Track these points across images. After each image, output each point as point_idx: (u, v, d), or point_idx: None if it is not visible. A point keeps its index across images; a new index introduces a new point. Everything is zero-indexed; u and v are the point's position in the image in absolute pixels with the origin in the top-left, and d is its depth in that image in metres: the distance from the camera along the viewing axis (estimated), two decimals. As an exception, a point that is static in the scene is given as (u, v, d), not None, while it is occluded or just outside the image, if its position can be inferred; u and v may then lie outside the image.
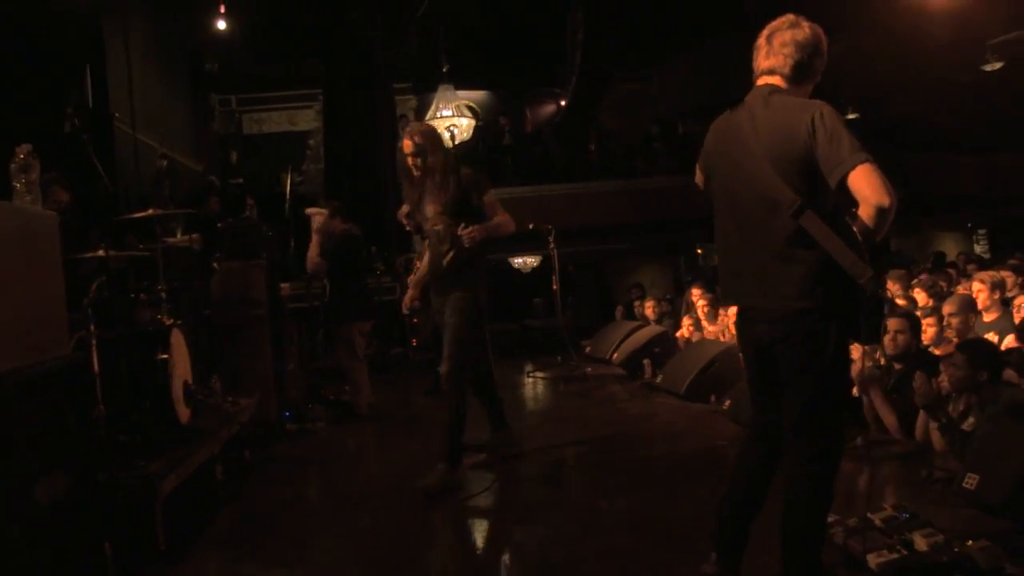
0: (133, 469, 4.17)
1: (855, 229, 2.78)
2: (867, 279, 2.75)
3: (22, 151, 3.35)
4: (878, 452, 5.11)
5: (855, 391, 5.48)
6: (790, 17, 3.03)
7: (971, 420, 4.65)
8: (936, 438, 4.87)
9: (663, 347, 9.18)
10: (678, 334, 9.45)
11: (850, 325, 2.86)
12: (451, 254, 5.23)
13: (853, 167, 2.71)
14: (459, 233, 5.10)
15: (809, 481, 2.94)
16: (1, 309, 2.87)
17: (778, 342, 2.95)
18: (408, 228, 7.99)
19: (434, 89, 15.29)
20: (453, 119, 14.61)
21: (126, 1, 10.12)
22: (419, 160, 5.11)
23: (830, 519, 3.34)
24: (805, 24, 3.00)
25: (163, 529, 4.09)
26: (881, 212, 2.71)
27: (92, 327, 4.64)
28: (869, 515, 3.66)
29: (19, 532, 2.73)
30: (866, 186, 2.71)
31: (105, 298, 5.00)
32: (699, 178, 3.30)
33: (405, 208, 5.59)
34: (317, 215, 7.61)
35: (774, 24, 3.05)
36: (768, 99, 2.96)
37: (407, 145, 5.13)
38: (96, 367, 4.57)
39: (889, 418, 5.35)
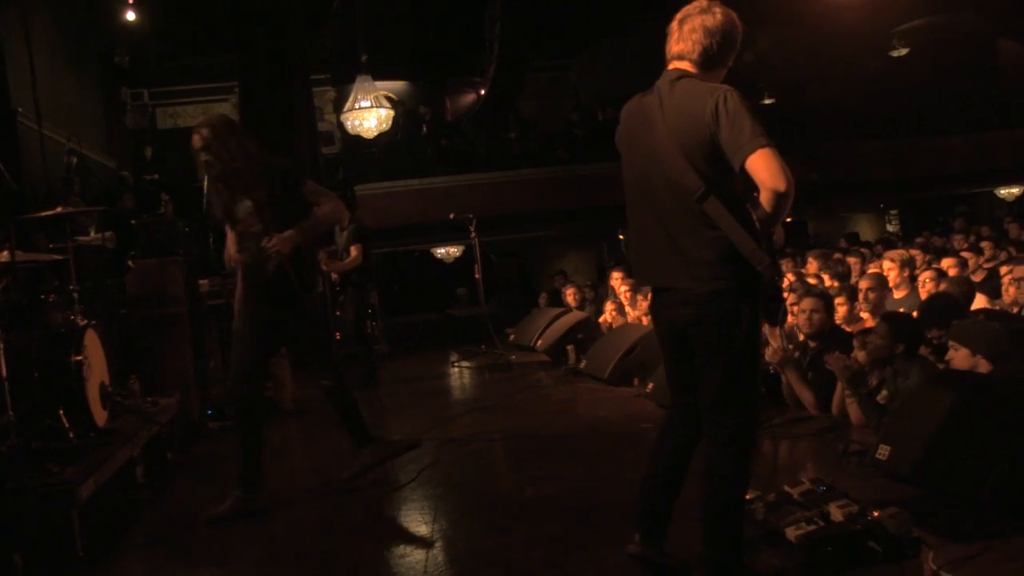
0: (47, 475, 4.07)
1: (755, 215, 2.84)
2: (765, 266, 2.81)
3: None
4: (796, 429, 5.25)
5: (771, 369, 5.63)
6: (702, 3, 3.04)
7: (884, 393, 4.81)
8: (853, 412, 5.00)
9: (586, 333, 9.27)
10: (601, 319, 9.56)
11: (760, 305, 2.92)
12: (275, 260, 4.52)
13: (752, 151, 2.75)
14: (263, 244, 4.44)
15: (727, 459, 2.99)
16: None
17: (691, 324, 2.99)
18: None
19: (353, 80, 15.13)
20: (372, 110, 14.49)
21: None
22: (211, 156, 4.41)
23: (750, 495, 3.42)
24: (717, 10, 3.02)
25: (81, 535, 4.00)
26: (778, 196, 2.76)
27: (-1, 331, 4.51)
28: (787, 489, 3.74)
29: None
30: (764, 170, 2.75)
31: (13, 300, 4.86)
32: (619, 148, 3.31)
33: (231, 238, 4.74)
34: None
35: (686, 9, 3.06)
36: (675, 84, 2.99)
37: (195, 141, 4.43)
38: (4, 372, 4.43)
39: (806, 395, 5.50)
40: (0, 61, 9.24)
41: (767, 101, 16.66)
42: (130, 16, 12.61)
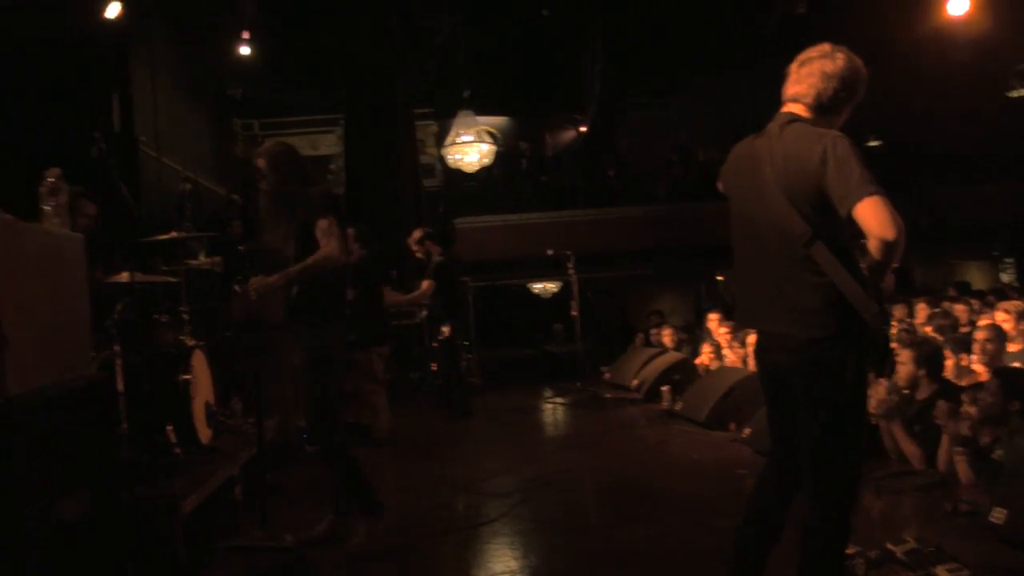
0: (155, 488, 4.20)
1: (863, 263, 2.78)
2: (873, 314, 2.74)
3: (51, 175, 3.40)
4: (899, 483, 5.05)
5: (873, 421, 5.45)
6: (826, 47, 3.00)
7: (999, 452, 4.59)
8: (962, 469, 4.79)
9: (683, 374, 9.16)
10: (697, 361, 9.43)
11: (867, 354, 2.85)
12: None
13: (860, 199, 2.69)
14: (247, 285, 4.55)
15: (826, 512, 2.90)
16: (30, 329, 2.91)
17: (793, 370, 2.93)
18: (419, 255, 7.96)
19: (454, 115, 15.38)
20: (474, 144, 14.70)
21: (153, 29, 10.26)
22: (263, 183, 4.67)
23: (850, 550, 3.32)
24: (840, 55, 2.97)
25: (183, 547, 4.11)
26: (886, 245, 2.70)
27: (116, 347, 4.69)
28: (890, 547, 3.62)
29: (44, 549, 2.75)
30: (872, 218, 2.68)
31: (129, 319, 5.04)
32: (721, 186, 3.28)
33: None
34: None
35: (808, 51, 3.03)
36: (785, 127, 2.96)
37: (256, 164, 4.72)
38: (120, 387, 4.60)
39: (911, 449, 5.29)
40: (128, 94, 9.68)
41: (873, 143, 16.30)
42: (244, 51, 13.07)
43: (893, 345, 4.08)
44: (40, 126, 7.46)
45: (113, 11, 8.39)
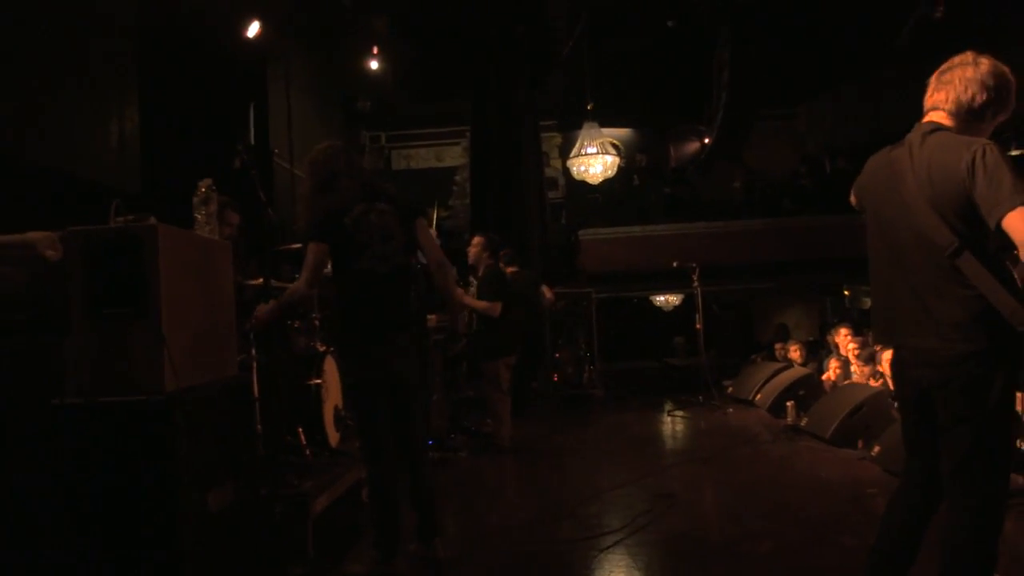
0: (288, 487, 4.38)
1: (1016, 273, 2.69)
2: None
3: (204, 185, 3.60)
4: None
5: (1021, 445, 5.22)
6: (968, 55, 2.93)
7: None
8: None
9: (808, 389, 8.97)
10: (824, 377, 9.22)
11: (1017, 371, 2.75)
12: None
13: (1011, 209, 2.60)
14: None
15: (969, 535, 2.81)
16: (185, 331, 3.09)
17: (937, 387, 2.84)
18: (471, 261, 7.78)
19: (579, 127, 15.44)
20: (598, 156, 14.72)
21: (289, 46, 10.68)
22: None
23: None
24: (984, 61, 2.90)
25: (312, 544, 4.27)
26: None
27: (253, 351, 4.90)
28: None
29: (194, 536, 2.92)
30: (1022, 229, 2.59)
31: (265, 324, 5.25)
32: (854, 200, 3.23)
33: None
34: (471, 248, 7.81)
35: (951, 60, 2.96)
36: (928, 136, 2.89)
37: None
38: (256, 389, 4.81)
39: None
40: (265, 108, 10.11)
41: (1015, 152, 15.62)
42: (374, 65, 13.44)
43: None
44: (189, 139, 7.89)
45: (253, 30, 8.78)
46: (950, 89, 2.92)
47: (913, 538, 3.04)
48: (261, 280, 5.19)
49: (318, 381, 5.55)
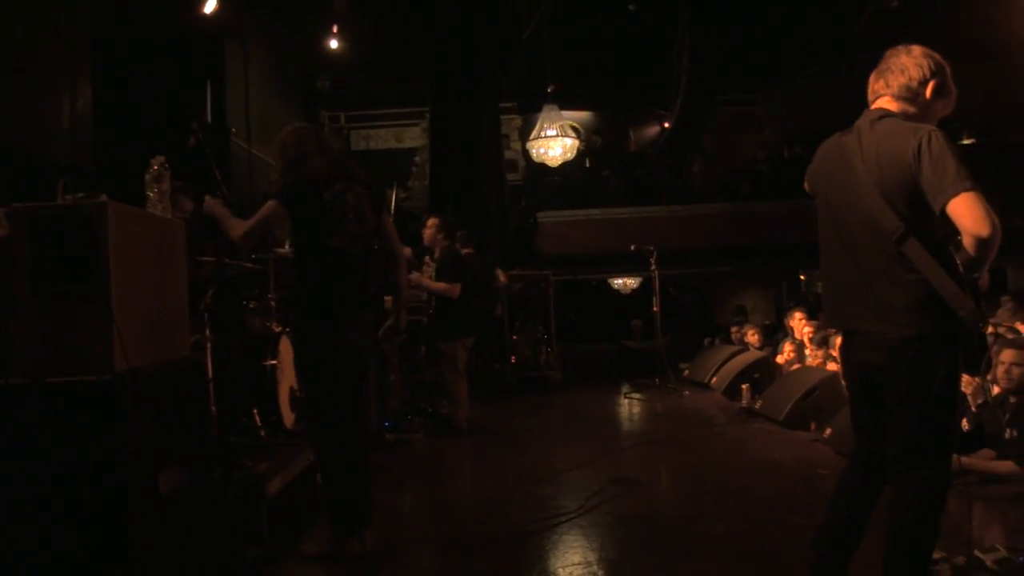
0: (242, 469, 4.34)
1: (958, 258, 2.74)
2: (968, 311, 2.70)
3: (156, 162, 3.54)
4: (991, 491, 4.92)
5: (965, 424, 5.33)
6: (900, 46, 3.02)
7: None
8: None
9: (763, 372, 9.07)
10: (779, 359, 9.33)
11: (959, 354, 2.80)
12: None
13: (955, 195, 2.65)
14: None
15: (913, 514, 2.87)
16: (136, 310, 3.05)
17: (883, 369, 2.89)
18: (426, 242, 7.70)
19: (539, 109, 15.43)
20: (557, 139, 14.72)
21: (247, 23, 10.53)
22: None
23: (935, 555, 3.26)
24: (915, 48, 3.00)
25: (267, 527, 4.25)
26: (981, 243, 2.65)
27: (207, 331, 4.85)
28: (979, 554, 3.54)
29: (145, 518, 2.89)
30: (966, 215, 2.64)
31: (219, 305, 5.21)
32: (807, 185, 3.27)
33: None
34: (427, 229, 7.76)
35: (885, 54, 3.05)
36: (876, 123, 2.94)
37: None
38: (210, 370, 4.76)
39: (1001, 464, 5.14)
40: (222, 87, 9.98)
41: (966, 141, 15.86)
42: (333, 44, 13.32)
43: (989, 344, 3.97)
44: (144, 116, 7.76)
45: (210, 6, 8.65)
46: (888, 76, 3.00)
47: (859, 518, 3.09)
48: (215, 259, 5.13)
49: (273, 362, 5.52)
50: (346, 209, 4.08)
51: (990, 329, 5.82)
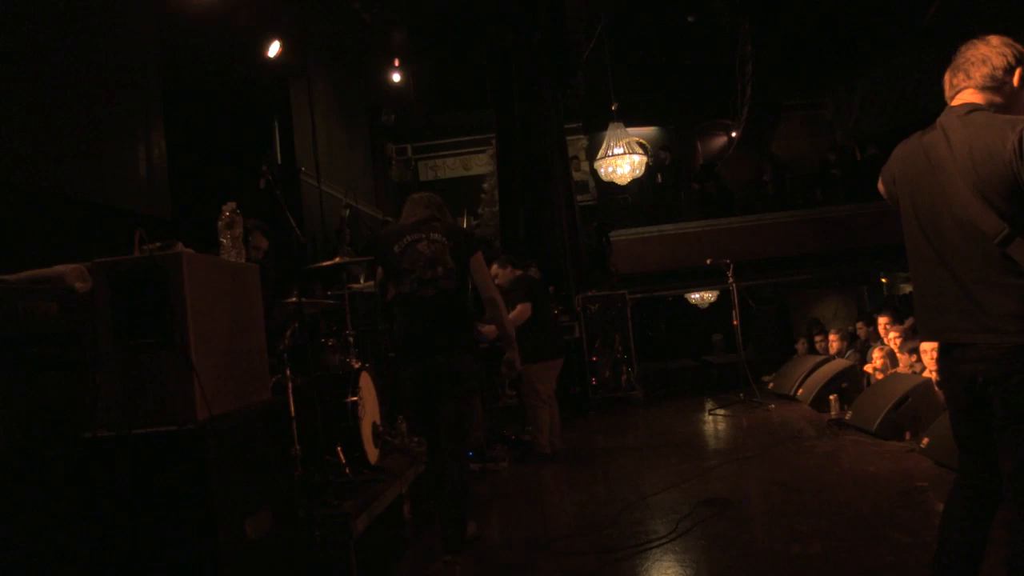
0: (328, 507, 4.34)
1: None
2: None
3: (228, 208, 3.57)
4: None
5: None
6: (973, 40, 2.90)
7: None
8: None
9: (851, 382, 8.85)
10: (867, 368, 9.07)
11: None
12: None
13: None
14: None
15: None
16: (214, 357, 3.06)
17: (995, 383, 2.71)
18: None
19: (605, 128, 15.38)
20: (625, 156, 14.64)
21: (310, 63, 10.72)
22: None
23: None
24: (991, 37, 2.87)
25: (356, 565, 4.23)
26: None
27: (288, 371, 4.88)
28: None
29: (234, 565, 2.88)
30: None
31: (298, 344, 5.24)
32: (883, 190, 3.14)
33: None
34: (497, 279, 7.63)
35: (959, 50, 2.93)
36: (965, 118, 2.79)
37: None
38: (292, 410, 4.78)
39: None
40: (289, 127, 10.16)
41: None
42: (396, 77, 13.48)
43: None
44: (216, 161, 7.93)
45: (274, 50, 8.82)
46: (969, 68, 2.87)
47: (976, 541, 2.89)
48: (294, 299, 5.18)
49: (354, 398, 5.52)
50: (416, 257, 4.50)
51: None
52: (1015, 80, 2.83)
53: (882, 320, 9.45)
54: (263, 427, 3.40)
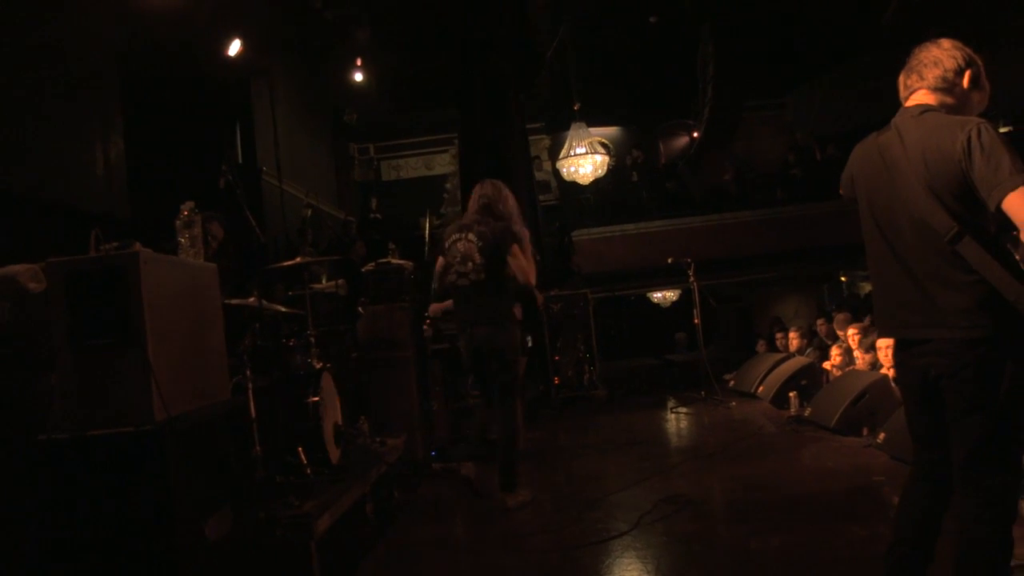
0: (289, 508, 4.31)
1: (1017, 256, 2.63)
2: None
3: (186, 208, 3.55)
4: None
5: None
6: (925, 43, 2.97)
7: None
8: None
9: (810, 379, 8.94)
10: (826, 364, 9.18)
11: None
12: None
13: (1012, 189, 2.55)
14: None
15: (984, 523, 2.74)
16: (172, 358, 3.04)
17: (947, 376, 2.77)
18: None
19: (567, 128, 15.42)
20: (587, 156, 14.68)
21: (272, 63, 10.66)
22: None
23: (1013, 563, 3.13)
24: (943, 40, 2.93)
25: (318, 566, 4.21)
26: None
27: (248, 372, 4.85)
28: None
29: (193, 566, 2.86)
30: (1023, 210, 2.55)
31: (259, 344, 5.21)
32: (843, 191, 3.20)
33: None
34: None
35: (913, 52, 2.98)
36: (919, 119, 2.86)
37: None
38: (253, 411, 4.75)
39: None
40: (251, 127, 10.09)
41: (1003, 129, 15.61)
42: (358, 77, 13.43)
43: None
44: (176, 161, 7.86)
45: (234, 48, 8.75)
46: (922, 69, 2.93)
47: (931, 531, 2.96)
48: (253, 299, 5.15)
49: (316, 399, 5.49)
50: (455, 254, 5.79)
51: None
52: (965, 82, 2.90)
53: (841, 318, 9.57)
54: (223, 428, 3.38)
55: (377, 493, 5.68)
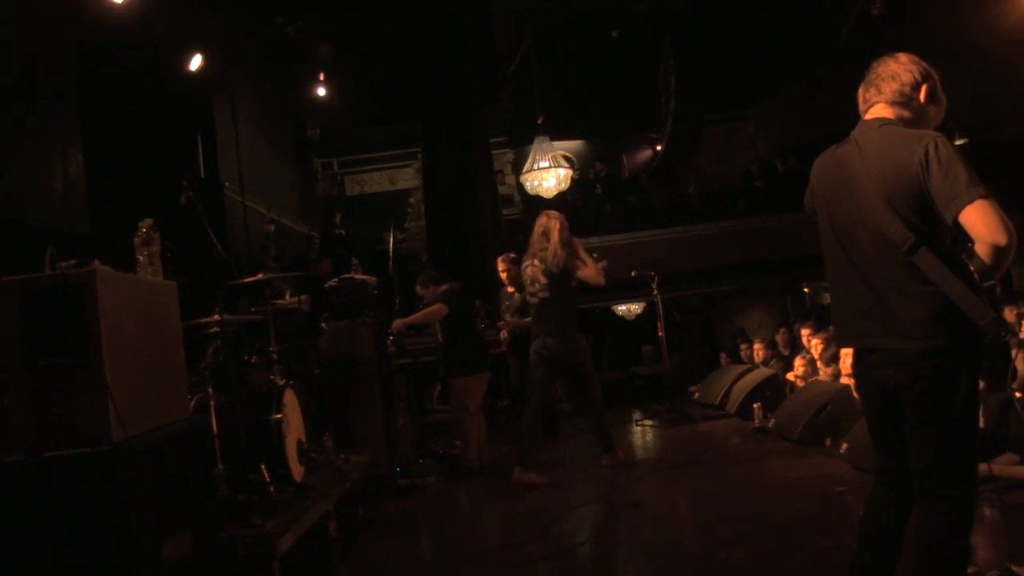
0: (251, 527, 4.26)
1: (972, 267, 2.67)
2: (988, 321, 2.62)
3: (145, 225, 3.51)
4: (1014, 497, 4.82)
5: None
6: (883, 57, 3.01)
7: None
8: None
9: (773, 390, 8.99)
10: (790, 376, 9.25)
11: (980, 365, 2.73)
12: None
13: (969, 203, 2.59)
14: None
15: (942, 531, 2.78)
16: (130, 376, 2.99)
17: (904, 387, 2.81)
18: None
19: (530, 142, 15.45)
20: (550, 170, 14.69)
21: (234, 77, 10.59)
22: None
23: (969, 570, 3.16)
24: (900, 54, 2.98)
25: (282, 585, 4.16)
26: (998, 251, 2.59)
27: (210, 390, 4.79)
28: (1015, 568, 3.44)
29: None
30: (980, 223, 2.58)
31: (221, 361, 5.15)
32: (807, 204, 3.23)
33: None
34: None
35: (871, 66, 3.03)
36: (878, 132, 2.90)
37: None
38: (215, 428, 4.69)
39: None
40: (212, 141, 10.01)
41: (959, 141, 15.84)
42: (321, 92, 13.39)
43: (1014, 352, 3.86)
44: (137, 177, 7.77)
45: (195, 63, 8.69)
46: (880, 83, 2.98)
47: (894, 538, 2.99)
48: (216, 316, 5.09)
49: (279, 416, 5.44)
50: (527, 278, 7.08)
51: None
52: (921, 96, 2.94)
53: (804, 330, 9.65)
54: (183, 447, 3.33)
55: (341, 510, 5.63)
